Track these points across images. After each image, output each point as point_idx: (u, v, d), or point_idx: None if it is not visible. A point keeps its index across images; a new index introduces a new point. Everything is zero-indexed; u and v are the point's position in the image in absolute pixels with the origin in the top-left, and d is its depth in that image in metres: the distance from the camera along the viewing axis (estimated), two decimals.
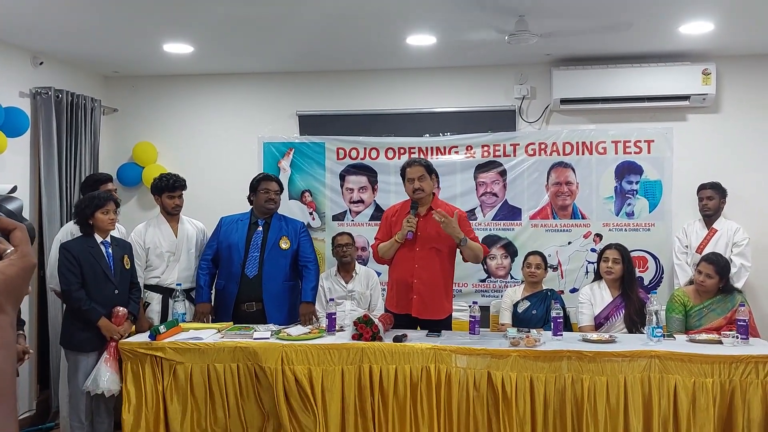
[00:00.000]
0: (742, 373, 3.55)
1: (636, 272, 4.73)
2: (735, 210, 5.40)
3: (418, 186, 4.18)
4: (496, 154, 5.80)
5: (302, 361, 3.83)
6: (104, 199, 4.16)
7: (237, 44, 5.25)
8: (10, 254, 0.96)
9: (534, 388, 3.66)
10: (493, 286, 5.80)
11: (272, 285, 4.59)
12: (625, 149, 5.67)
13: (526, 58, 5.63)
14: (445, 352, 3.77)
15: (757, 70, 5.61)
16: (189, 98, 6.31)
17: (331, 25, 4.72)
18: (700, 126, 5.69)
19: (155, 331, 3.98)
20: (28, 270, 0.97)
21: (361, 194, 5.99)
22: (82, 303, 4.03)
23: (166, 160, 6.24)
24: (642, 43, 5.23)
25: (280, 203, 4.79)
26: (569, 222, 5.73)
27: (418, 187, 4.18)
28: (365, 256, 5.70)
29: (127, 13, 4.44)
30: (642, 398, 3.61)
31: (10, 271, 0.94)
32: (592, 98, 5.61)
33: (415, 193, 4.20)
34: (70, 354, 4.19)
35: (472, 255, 4.22)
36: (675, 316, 4.39)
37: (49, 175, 5.24)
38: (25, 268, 0.96)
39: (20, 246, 0.97)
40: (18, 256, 0.96)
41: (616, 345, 3.81)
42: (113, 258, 4.20)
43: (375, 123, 6.00)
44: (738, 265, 5.06)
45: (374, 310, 5.00)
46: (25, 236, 0.99)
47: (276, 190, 4.71)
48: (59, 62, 5.59)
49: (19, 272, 0.95)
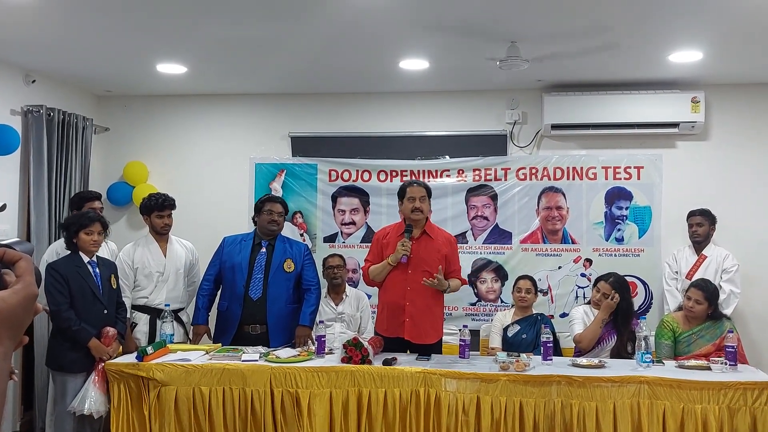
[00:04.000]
0: (730, 400, 3.55)
1: (632, 305, 4.57)
2: (724, 237, 5.43)
3: (418, 206, 4.19)
4: (488, 178, 5.83)
5: (291, 384, 3.79)
6: (89, 220, 4.13)
7: (230, 65, 5.27)
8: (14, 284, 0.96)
9: (524, 413, 3.65)
10: (483, 310, 5.79)
11: (276, 307, 4.53)
12: (615, 175, 5.72)
13: (517, 83, 5.68)
14: (434, 376, 3.75)
15: (745, 99, 5.68)
16: (181, 118, 6.32)
17: (324, 48, 4.75)
18: (690, 153, 5.74)
19: (143, 352, 3.94)
20: (30, 299, 0.96)
21: (353, 216, 5.99)
22: (72, 323, 3.99)
23: (157, 179, 6.22)
24: (632, 71, 5.29)
25: (283, 225, 4.76)
26: (559, 246, 5.75)
27: (417, 207, 4.19)
28: (356, 278, 5.69)
29: (121, 32, 4.45)
30: (631, 424, 3.59)
31: (12, 299, 0.94)
32: (583, 124, 5.65)
33: (413, 213, 4.20)
34: (57, 375, 4.13)
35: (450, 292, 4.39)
36: (664, 341, 4.38)
37: (39, 194, 5.22)
38: (28, 297, 0.95)
39: (23, 276, 0.97)
40: (21, 286, 0.95)
41: (605, 370, 3.80)
42: (101, 277, 4.16)
43: (367, 145, 6.01)
44: (727, 291, 5.08)
45: (364, 333, 4.98)
46: (29, 267, 0.98)
47: (280, 212, 4.66)
48: (52, 81, 5.59)
49: (21, 301, 0.95)
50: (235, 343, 4.40)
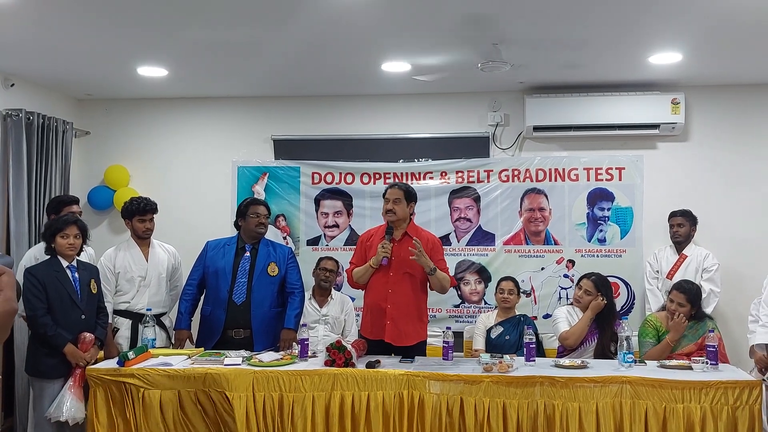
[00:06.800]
0: (712, 399, 3.57)
1: (615, 306, 4.64)
2: (704, 236, 5.48)
3: (390, 207, 4.20)
4: (470, 180, 5.85)
5: (273, 388, 3.77)
6: (64, 223, 4.09)
7: (211, 68, 5.24)
8: None
9: (507, 414, 3.65)
10: (466, 312, 5.80)
11: (260, 312, 4.51)
12: (597, 176, 5.75)
13: (499, 85, 5.70)
14: (418, 378, 3.74)
15: (724, 100, 5.74)
16: (162, 122, 6.28)
17: (306, 50, 4.74)
18: (670, 154, 5.79)
19: (124, 357, 3.90)
20: (9, 314, 0.96)
21: (336, 219, 5.98)
22: (48, 329, 3.94)
23: (138, 183, 6.18)
24: (613, 73, 5.32)
25: (268, 227, 4.74)
26: (542, 248, 5.77)
27: (390, 209, 4.20)
28: (340, 281, 5.68)
29: (101, 35, 4.42)
30: (614, 423, 3.60)
31: None
32: (565, 126, 5.68)
33: (387, 214, 4.22)
34: (35, 381, 4.09)
35: (438, 285, 4.26)
36: (648, 340, 4.40)
37: (18, 198, 5.16)
38: (8, 311, 0.96)
39: (4, 290, 0.97)
40: (1, 300, 0.96)
41: (588, 371, 3.81)
42: (80, 282, 4.12)
43: (350, 148, 6.01)
44: (707, 290, 5.12)
45: (348, 336, 4.97)
46: (10, 281, 0.98)
47: (265, 214, 4.64)
48: (31, 84, 5.54)
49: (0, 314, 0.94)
50: (219, 348, 4.38)
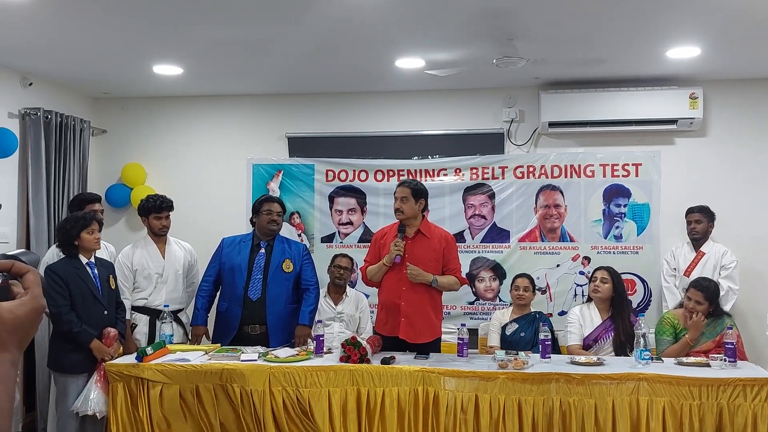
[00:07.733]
0: (729, 396, 3.54)
1: (627, 296, 4.70)
2: (723, 233, 5.42)
3: (398, 206, 4.22)
4: (485, 176, 5.83)
5: (289, 383, 3.79)
6: (89, 219, 4.15)
7: (227, 66, 5.27)
8: (22, 295, 1.00)
9: (522, 411, 3.64)
10: (481, 309, 5.79)
11: (276, 308, 4.54)
12: (613, 172, 5.71)
13: (514, 81, 5.68)
14: (433, 375, 3.74)
15: (743, 95, 5.67)
16: (178, 120, 6.32)
17: (320, 48, 4.75)
18: (688, 150, 5.73)
19: (142, 353, 3.94)
20: (37, 311, 1.00)
21: (350, 216, 5.99)
22: (74, 325, 3.99)
23: (154, 181, 6.22)
24: (630, 68, 5.28)
25: (282, 225, 4.76)
26: (558, 245, 5.74)
27: (398, 207, 4.22)
28: (354, 278, 5.68)
29: (117, 35, 4.45)
30: (630, 421, 3.59)
31: (19, 311, 0.98)
32: (581, 122, 5.64)
33: (396, 213, 4.25)
34: (58, 376, 4.13)
35: (446, 289, 4.32)
36: (665, 338, 4.38)
37: (37, 196, 5.22)
38: (35, 309, 1.00)
39: (31, 288, 1.01)
40: (29, 298, 1.00)
41: (604, 368, 3.79)
42: (100, 278, 4.17)
43: (364, 145, 6.01)
44: (726, 288, 5.06)
45: (362, 334, 4.98)
46: (36, 279, 1.02)
47: (279, 211, 4.67)
48: (49, 83, 5.59)
49: (28, 312, 0.99)
50: (235, 344, 4.41)
